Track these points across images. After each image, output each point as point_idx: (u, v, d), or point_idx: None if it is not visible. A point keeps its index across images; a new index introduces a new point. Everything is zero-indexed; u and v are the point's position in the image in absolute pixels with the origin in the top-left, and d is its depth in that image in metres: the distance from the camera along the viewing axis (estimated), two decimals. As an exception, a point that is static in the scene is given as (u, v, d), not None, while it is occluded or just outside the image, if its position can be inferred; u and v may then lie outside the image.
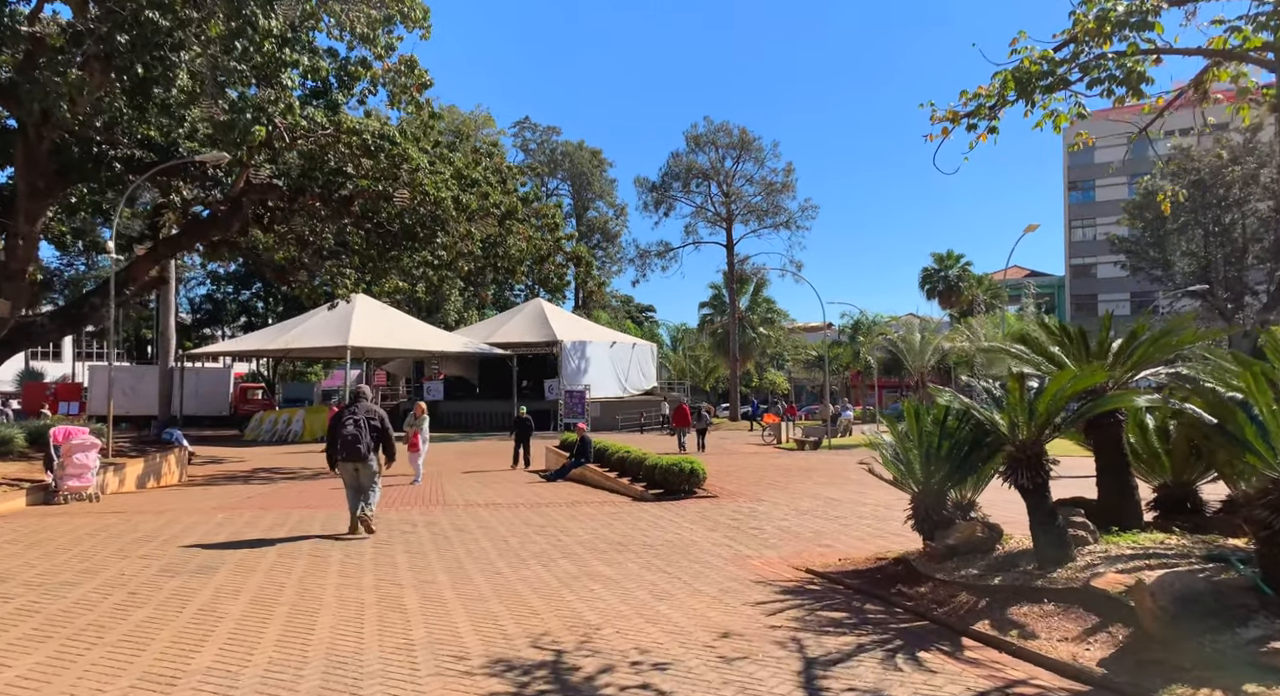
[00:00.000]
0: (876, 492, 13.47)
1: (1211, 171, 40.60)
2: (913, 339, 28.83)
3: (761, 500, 12.95)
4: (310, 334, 34.70)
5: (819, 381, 72.24)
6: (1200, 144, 42.91)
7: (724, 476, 16.82)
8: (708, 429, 30.83)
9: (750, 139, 43.03)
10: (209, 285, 64.21)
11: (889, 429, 8.01)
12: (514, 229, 21.07)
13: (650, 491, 13.53)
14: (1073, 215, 74.14)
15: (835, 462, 20.41)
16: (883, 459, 7.95)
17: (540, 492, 14.25)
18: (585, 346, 42.36)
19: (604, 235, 67.94)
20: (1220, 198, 41.00)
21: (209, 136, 16.42)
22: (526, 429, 19.94)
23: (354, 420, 9.38)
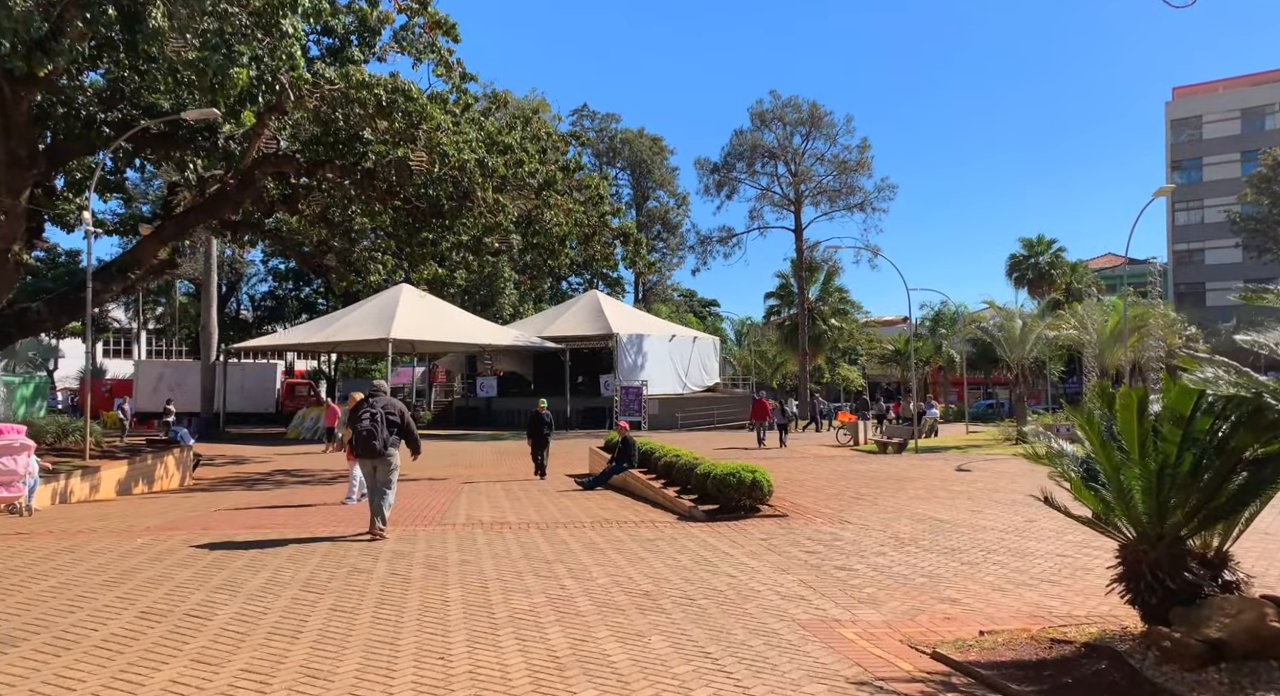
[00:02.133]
0: (997, 512, 10.38)
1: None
2: (1012, 327, 25.18)
3: (845, 521, 10.01)
4: (353, 327, 33.01)
5: (894, 377, 67.97)
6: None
7: (794, 486, 13.87)
8: (789, 425, 29.48)
9: (821, 114, 39.63)
10: (271, 282, 64.07)
11: (1083, 430, 5.01)
12: (551, 201, 18.49)
13: (701, 507, 10.73)
14: (1176, 197, 67.95)
15: (929, 469, 17.21)
16: (1072, 483, 4.99)
17: (566, 506, 11.58)
18: (642, 340, 39.79)
19: (665, 226, 65.25)
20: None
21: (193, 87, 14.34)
22: (543, 429, 16.05)
23: (370, 415, 8.90)
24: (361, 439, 8.88)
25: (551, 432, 16.31)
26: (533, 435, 16.19)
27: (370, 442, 8.85)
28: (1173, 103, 67.64)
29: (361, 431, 8.86)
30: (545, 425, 16.16)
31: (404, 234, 21.27)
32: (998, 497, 12.22)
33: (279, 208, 21.65)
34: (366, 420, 8.91)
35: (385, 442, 8.90)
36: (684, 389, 41.35)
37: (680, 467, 12.62)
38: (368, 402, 9.22)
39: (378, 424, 8.92)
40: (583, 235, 21.59)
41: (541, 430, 16.08)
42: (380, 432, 8.86)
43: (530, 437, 16.28)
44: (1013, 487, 13.59)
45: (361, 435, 8.87)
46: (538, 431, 16.08)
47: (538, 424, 16.20)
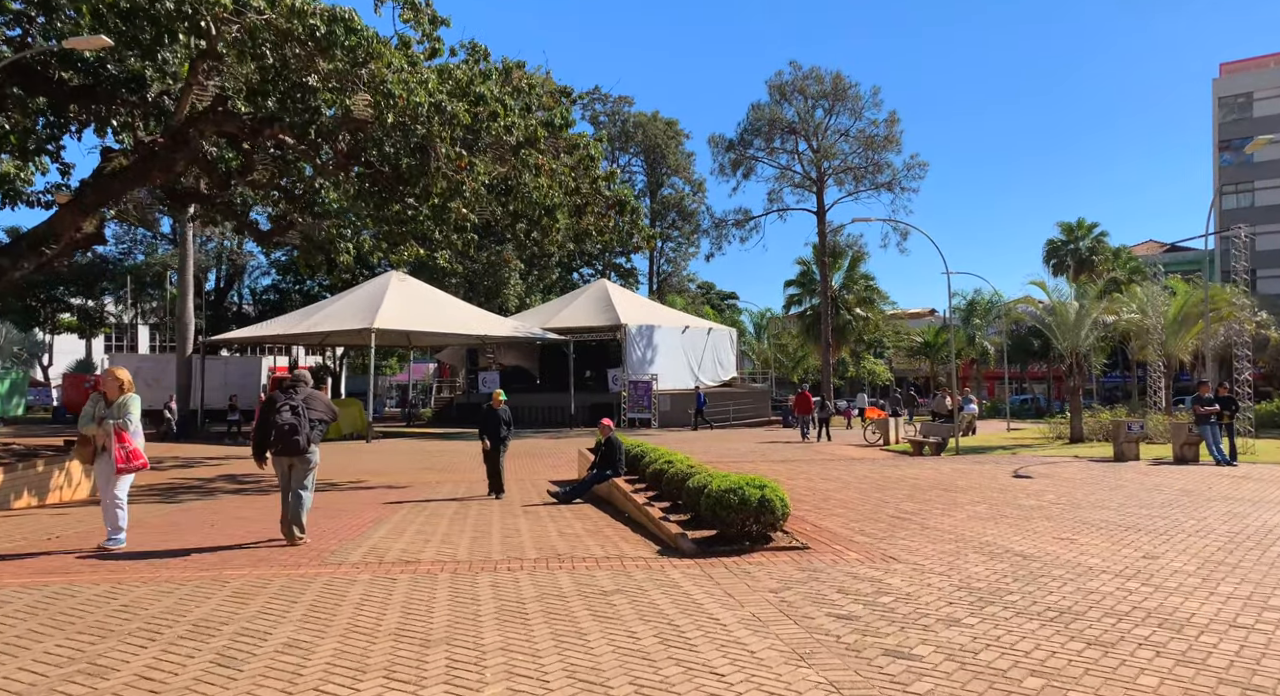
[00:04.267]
0: (1095, 542, 7.53)
1: None
2: (1066, 311, 22.12)
3: (891, 557, 7.20)
4: (335, 316, 30.56)
5: (922, 371, 64.66)
6: None
7: (818, 500, 11.06)
8: (830, 418, 28.66)
9: (845, 85, 36.51)
10: (273, 275, 62.09)
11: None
12: (530, 161, 15.74)
13: (693, 534, 7.97)
14: (1224, 179, 63.96)
15: (980, 476, 14.31)
16: None
17: (517, 532, 8.85)
18: (653, 331, 37.06)
19: (680, 213, 62.38)
20: None
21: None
22: (499, 430, 12.30)
23: (291, 407, 8.23)
24: (282, 433, 8.06)
25: (511, 434, 12.64)
26: (487, 438, 12.26)
27: (292, 438, 8.08)
28: (1220, 80, 63.64)
29: (282, 425, 8.06)
30: (503, 425, 12.36)
31: (370, 206, 18.67)
32: (1085, 517, 9.34)
33: (236, 179, 19.14)
34: (288, 413, 8.16)
35: (308, 439, 8.18)
36: (697, 383, 38.60)
37: (671, 478, 9.85)
38: (286, 394, 8.44)
39: (300, 417, 8.17)
40: (574, 207, 18.85)
41: (498, 432, 12.27)
42: (303, 427, 8.14)
43: (483, 440, 12.30)
44: (1096, 501, 10.69)
45: (283, 429, 8.06)
46: (493, 433, 12.23)
47: (493, 423, 12.28)
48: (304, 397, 8.45)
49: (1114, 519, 9.22)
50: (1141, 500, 10.84)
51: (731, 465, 16.97)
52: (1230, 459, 16.13)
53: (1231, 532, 8.28)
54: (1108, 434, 22.88)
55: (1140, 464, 16.15)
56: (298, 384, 8.65)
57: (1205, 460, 16.52)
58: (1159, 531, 8.36)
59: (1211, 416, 16.21)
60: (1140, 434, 17.13)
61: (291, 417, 8.22)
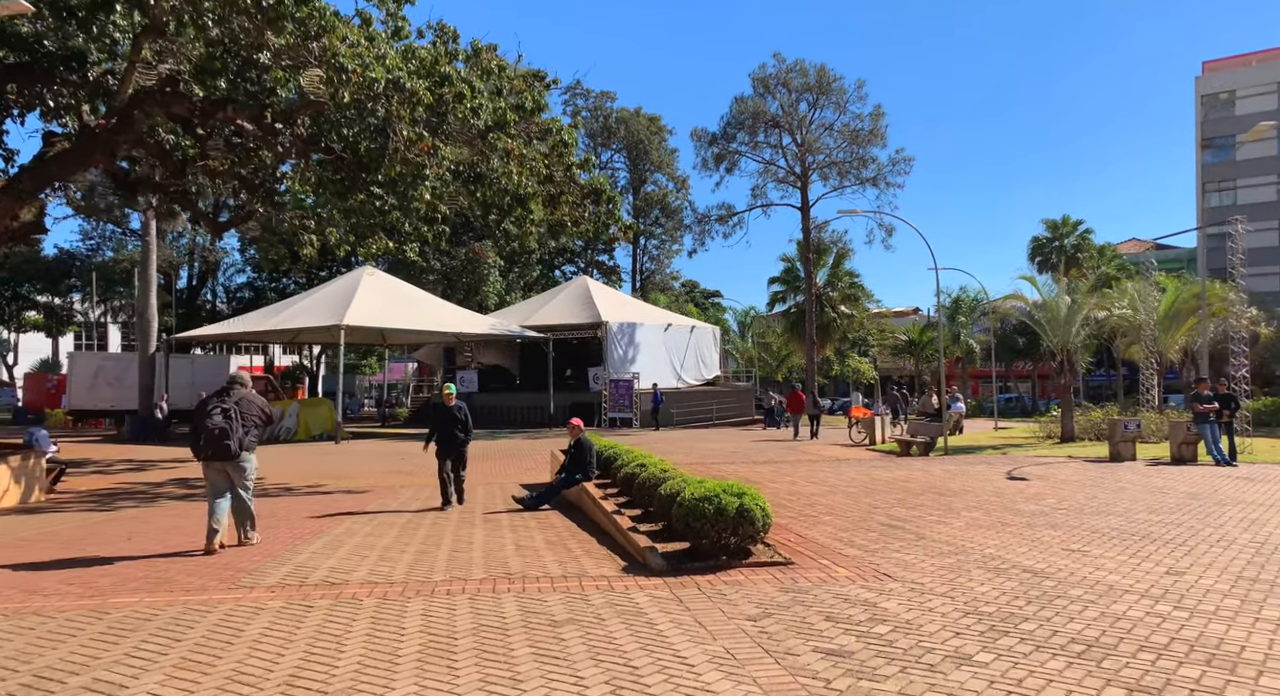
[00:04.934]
0: (1110, 554, 6.74)
1: None
2: (1056, 306, 21.44)
3: (885, 574, 6.38)
4: (305, 313, 29.46)
5: (906, 369, 64.19)
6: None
7: (803, 505, 10.26)
8: (821, 415, 28.34)
9: (830, 78, 35.74)
10: (249, 273, 60.68)
11: None
12: (499, 145, 14.82)
13: (664, 548, 7.13)
14: (1207, 177, 63.92)
15: (974, 478, 13.55)
16: None
17: (469, 545, 7.97)
18: (634, 329, 36.21)
19: (663, 210, 61.53)
20: None
21: None
22: (454, 430, 10.52)
23: (223, 410, 7.90)
24: (213, 437, 7.70)
25: (469, 436, 10.86)
26: (440, 439, 10.51)
27: (224, 442, 7.72)
28: (1203, 77, 63.61)
29: (213, 429, 7.70)
30: (458, 424, 10.58)
31: (332, 195, 17.71)
32: (1092, 525, 8.58)
33: (192, 167, 18.13)
34: (219, 416, 7.80)
35: (241, 443, 7.84)
36: (679, 382, 37.79)
37: (643, 483, 9.00)
38: (219, 396, 8.07)
39: (232, 421, 7.81)
40: (548, 196, 17.96)
41: (453, 432, 10.46)
42: (235, 431, 7.78)
43: (436, 443, 10.54)
44: (1101, 506, 9.94)
45: (213, 433, 7.70)
46: (447, 433, 10.46)
47: (447, 422, 10.50)
48: (237, 400, 8.10)
49: (1124, 526, 8.47)
50: (1148, 504, 10.10)
51: (713, 467, 16.14)
52: (1230, 459, 15.48)
53: (1256, 543, 7.54)
54: (1099, 433, 22.28)
55: (1138, 464, 15.48)
56: (232, 385, 8.28)
57: (1203, 460, 15.87)
58: (1176, 541, 7.61)
59: (1210, 415, 15.56)
60: (1136, 433, 16.46)
61: (222, 421, 7.85)
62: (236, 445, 7.84)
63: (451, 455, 10.55)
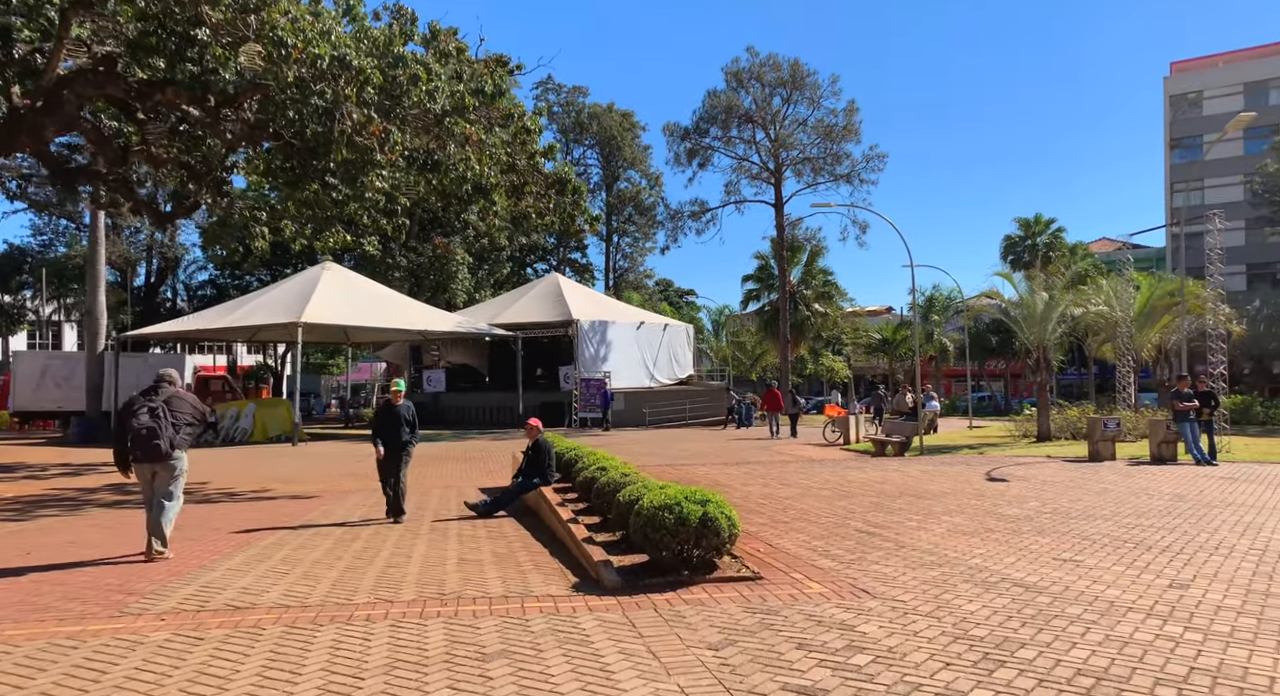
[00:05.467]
0: (1104, 565, 6.17)
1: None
2: (1033, 303, 21.07)
3: (862, 590, 5.76)
4: (262, 310, 28.39)
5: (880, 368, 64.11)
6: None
7: (774, 511, 9.63)
8: (800, 414, 28.17)
9: (804, 73, 35.29)
10: (211, 270, 59.07)
11: None
12: (456, 131, 14.04)
13: (621, 560, 6.46)
14: (1175, 177, 64.55)
15: (952, 479, 13.03)
16: None
17: (407, 559, 7.24)
18: (606, 327, 35.49)
19: (637, 207, 60.88)
20: None
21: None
22: (400, 433, 9.50)
23: (150, 409, 7.42)
24: (140, 438, 7.29)
25: (416, 439, 9.81)
26: (386, 442, 9.47)
27: (153, 443, 7.31)
28: (1171, 78, 64.21)
29: (140, 429, 7.30)
30: (404, 426, 9.56)
31: (284, 185, 16.83)
32: (1081, 531, 8.04)
33: (134, 155, 17.18)
34: (145, 415, 7.39)
35: (171, 443, 7.39)
36: (652, 381, 37.13)
37: (602, 488, 8.33)
38: (146, 395, 7.69)
39: (160, 420, 7.38)
40: (511, 186, 17.21)
41: (399, 434, 9.48)
42: (164, 430, 7.35)
43: (376, 446, 9.48)
44: (1086, 510, 9.43)
45: (140, 434, 7.29)
46: (393, 436, 9.47)
47: (391, 422, 9.52)
48: (166, 399, 7.71)
49: (1114, 532, 7.94)
50: (1135, 507, 9.61)
51: (683, 469, 15.51)
52: (1210, 458, 15.14)
53: (1258, 550, 7.03)
54: (1075, 431, 21.98)
55: (1118, 464, 15.08)
56: (160, 384, 7.88)
57: (1183, 459, 15.52)
58: (1173, 549, 7.08)
59: (1191, 413, 15.20)
60: (1116, 432, 16.07)
61: (149, 420, 7.43)
62: (166, 445, 7.39)
63: (396, 456, 9.57)
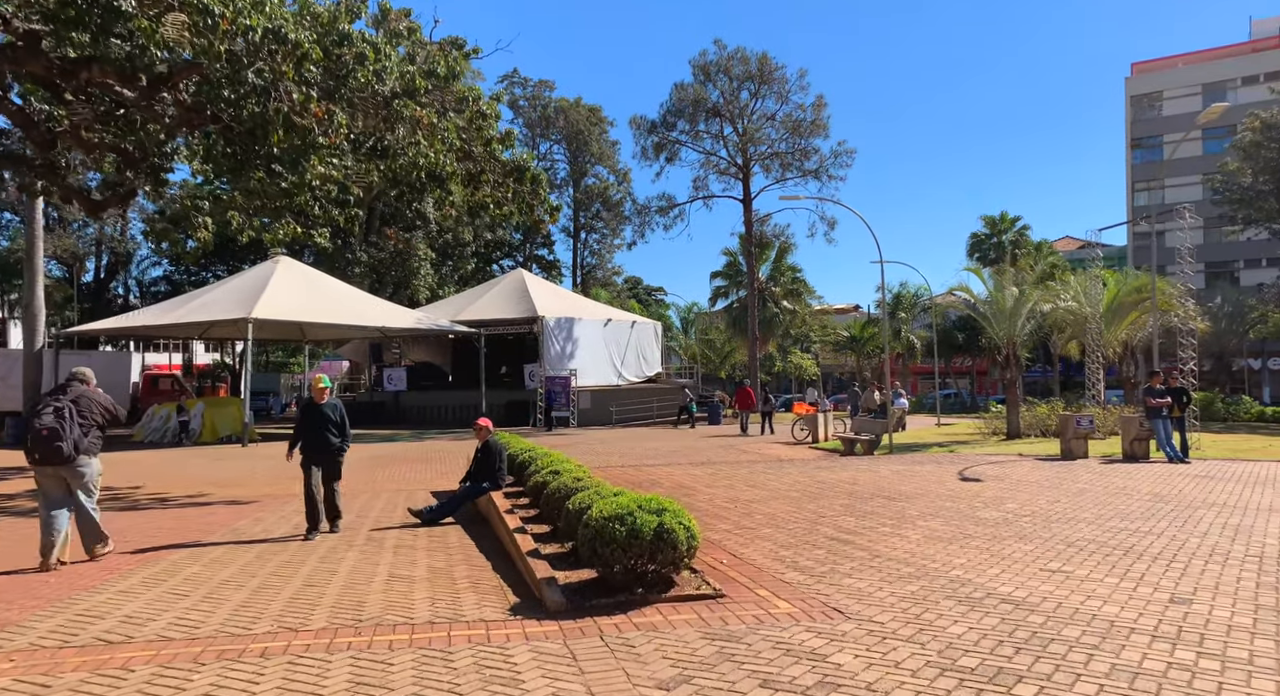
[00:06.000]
0: (1096, 575, 5.61)
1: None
2: (1002, 298, 20.77)
3: (834, 610, 5.15)
4: (211, 305, 27.21)
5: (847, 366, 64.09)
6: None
7: (739, 516, 9.02)
8: (773, 412, 27.72)
9: (772, 67, 34.82)
10: (165, 266, 57.20)
11: None
12: (405, 114, 13.24)
13: (568, 577, 5.79)
14: (1136, 177, 65.40)
15: (925, 480, 12.54)
16: None
17: (327, 579, 6.50)
18: (572, 324, 34.76)
19: (604, 203, 60.15)
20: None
21: None
22: (327, 434, 8.34)
23: (55, 409, 7.03)
24: (40, 440, 6.87)
25: (347, 442, 8.62)
26: (308, 445, 8.36)
27: (52, 445, 6.85)
28: (1132, 78, 64.98)
29: (41, 430, 6.89)
30: (330, 427, 8.37)
31: (226, 172, 15.89)
32: (1064, 536, 7.54)
33: (65, 140, 16.12)
34: (49, 415, 6.98)
35: (76, 445, 6.96)
36: (620, 379, 36.49)
37: (553, 494, 7.65)
38: (54, 394, 7.33)
39: (65, 421, 6.94)
40: (468, 174, 16.42)
41: (325, 435, 8.32)
42: (68, 432, 6.92)
43: (303, 449, 8.35)
44: (1067, 512, 8.95)
45: (40, 435, 6.87)
46: (318, 437, 8.32)
47: (315, 423, 8.34)
48: (74, 398, 7.26)
49: (1099, 537, 7.44)
50: (1117, 509, 9.16)
51: (647, 470, 14.88)
52: (1183, 455, 14.86)
53: (1254, 557, 6.56)
54: (1044, 429, 21.75)
55: (1091, 462, 14.73)
56: (70, 382, 7.47)
57: (1156, 457, 15.24)
58: (1164, 556, 6.58)
59: (1164, 409, 14.91)
60: (1089, 429, 15.74)
61: (53, 421, 6.99)
62: (70, 447, 6.96)
63: (323, 464, 8.42)
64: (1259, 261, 57.66)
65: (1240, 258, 58.72)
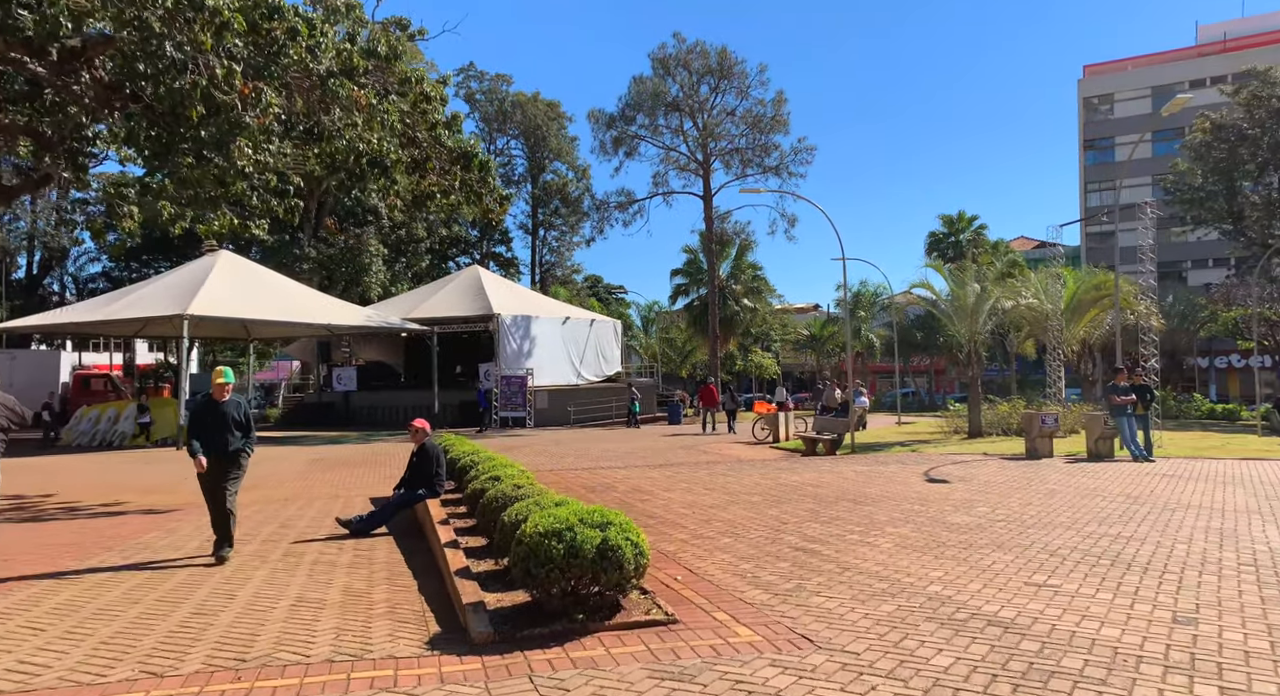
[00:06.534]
0: (1085, 589, 5.01)
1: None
2: (964, 295, 20.49)
3: (806, 640, 4.50)
4: (146, 301, 25.81)
5: (808, 365, 64.13)
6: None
7: (696, 524, 8.36)
8: (737, 410, 27.91)
9: (732, 62, 34.36)
10: (105, 262, 54.84)
11: None
12: (341, 92, 12.34)
13: (503, 601, 5.07)
14: (1089, 178, 66.49)
15: (891, 482, 12.04)
16: None
17: (222, 605, 5.67)
18: (529, 322, 33.91)
19: (563, 200, 59.20)
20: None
21: None
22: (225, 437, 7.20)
23: None
24: None
25: (251, 445, 7.39)
26: (209, 448, 7.07)
27: None
28: (1084, 81, 66.06)
29: None
30: (231, 428, 7.19)
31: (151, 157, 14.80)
32: (1043, 543, 7.02)
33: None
34: None
35: None
36: (579, 378, 35.72)
37: (489, 503, 6.90)
38: None
39: None
40: (412, 161, 15.53)
41: (225, 439, 7.14)
42: None
43: (195, 456, 7.03)
44: (1041, 516, 8.47)
45: None
46: (218, 442, 7.10)
47: (215, 424, 7.13)
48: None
49: (1080, 544, 6.93)
50: (1093, 512, 8.71)
51: (601, 473, 14.17)
52: (1147, 453, 14.61)
53: (1249, 566, 6.08)
54: (1006, 427, 21.54)
55: (1057, 462, 14.40)
56: None
57: (1120, 455, 14.98)
58: (1154, 566, 6.08)
59: (1128, 407, 14.64)
60: (1054, 428, 15.44)
61: None
62: None
63: (224, 466, 7.20)
64: (1205, 262, 58.95)
65: (1188, 258, 59.95)
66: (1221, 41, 63.19)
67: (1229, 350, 51.87)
